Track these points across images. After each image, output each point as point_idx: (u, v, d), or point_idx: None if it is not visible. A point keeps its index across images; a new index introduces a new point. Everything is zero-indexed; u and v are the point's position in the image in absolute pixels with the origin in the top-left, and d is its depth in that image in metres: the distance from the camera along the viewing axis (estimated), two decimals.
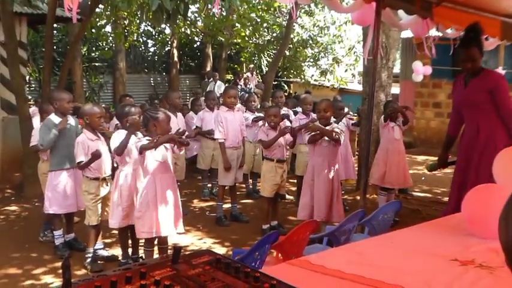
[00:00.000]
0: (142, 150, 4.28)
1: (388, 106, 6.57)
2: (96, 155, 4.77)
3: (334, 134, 5.29)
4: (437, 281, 2.19)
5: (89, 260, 4.91)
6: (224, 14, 11.70)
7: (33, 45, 15.28)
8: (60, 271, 4.78)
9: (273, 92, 8.88)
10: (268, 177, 5.92)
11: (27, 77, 11.45)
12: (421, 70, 10.25)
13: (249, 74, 17.26)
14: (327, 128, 5.37)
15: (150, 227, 4.40)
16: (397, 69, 12.71)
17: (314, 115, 6.69)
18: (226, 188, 6.59)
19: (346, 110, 7.67)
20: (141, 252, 4.98)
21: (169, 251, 4.58)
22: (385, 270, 2.29)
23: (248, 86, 16.09)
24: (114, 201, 4.69)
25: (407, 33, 11.03)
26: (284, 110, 7.92)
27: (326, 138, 5.35)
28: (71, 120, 5.35)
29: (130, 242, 5.00)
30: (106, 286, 1.43)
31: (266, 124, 6.03)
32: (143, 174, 4.44)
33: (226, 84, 15.53)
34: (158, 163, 4.40)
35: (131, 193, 4.62)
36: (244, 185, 8.10)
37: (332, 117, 5.68)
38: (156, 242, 4.69)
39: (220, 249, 5.47)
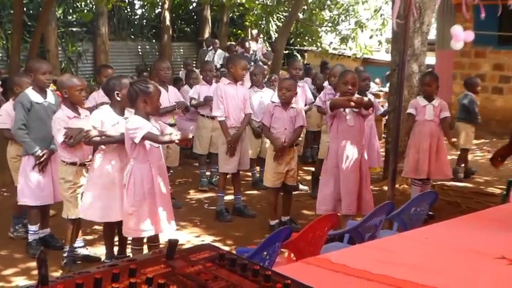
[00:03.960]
0: (143, 139, 4.31)
1: (425, 79, 6.52)
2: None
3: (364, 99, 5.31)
4: (480, 283, 2.20)
5: (66, 259, 4.95)
6: None
7: None
8: (34, 272, 4.83)
9: (291, 62, 8.68)
10: (270, 164, 5.96)
11: None
12: (461, 36, 10.09)
13: (252, 42, 17.16)
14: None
15: (148, 224, 4.42)
16: (432, 35, 12.61)
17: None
18: (228, 176, 6.60)
19: (377, 82, 7.60)
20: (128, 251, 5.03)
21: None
22: (419, 270, 2.29)
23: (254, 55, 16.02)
24: (91, 189, 4.71)
25: None
26: (299, 85, 7.83)
27: (347, 114, 5.32)
28: (49, 96, 5.35)
29: (116, 239, 5.03)
30: (89, 284, 1.44)
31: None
32: (136, 161, 4.44)
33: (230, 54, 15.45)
34: (153, 149, 4.43)
35: (112, 183, 4.65)
36: (250, 173, 8.12)
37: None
38: (145, 240, 4.72)
39: None
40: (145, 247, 4.76)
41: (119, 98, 4.67)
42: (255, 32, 18.24)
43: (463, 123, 8.67)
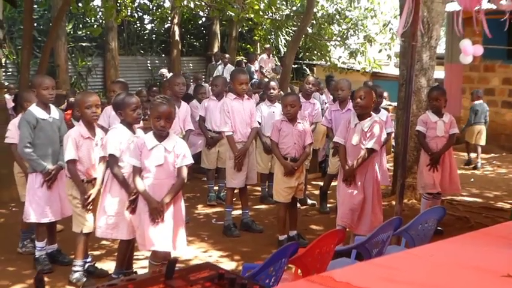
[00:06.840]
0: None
1: (433, 93, 6.49)
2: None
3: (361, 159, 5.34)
4: None
5: (77, 274, 4.92)
6: None
7: (10, 22, 15.41)
8: None
9: (305, 77, 8.64)
10: (281, 179, 5.95)
11: (3, 60, 11.57)
12: (470, 50, 10.12)
13: (264, 55, 17.23)
14: (365, 121, 5.36)
15: (151, 239, 4.40)
16: (441, 49, 12.61)
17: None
18: (235, 191, 6.59)
19: (385, 96, 7.55)
20: (136, 266, 5.03)
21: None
22: None
23: (264, 70, 16.07)
24: (101, 206, 4.74)
25: (453, 6, 10.87)
26: (311, 102, 7.74)
27: (353, 133, 5.38)
28: (53, 112, 5.38)
29: None
30: None
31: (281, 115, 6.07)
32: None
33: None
34: (155, 168, 4.41)
35: (122, 199, 4.65)
36: (259, 188, 8.09)
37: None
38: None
39: (228, 264, 5.49)
40: None
41: (121, 117, 4.73)
42: (267, 46, 18.26)
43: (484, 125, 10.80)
